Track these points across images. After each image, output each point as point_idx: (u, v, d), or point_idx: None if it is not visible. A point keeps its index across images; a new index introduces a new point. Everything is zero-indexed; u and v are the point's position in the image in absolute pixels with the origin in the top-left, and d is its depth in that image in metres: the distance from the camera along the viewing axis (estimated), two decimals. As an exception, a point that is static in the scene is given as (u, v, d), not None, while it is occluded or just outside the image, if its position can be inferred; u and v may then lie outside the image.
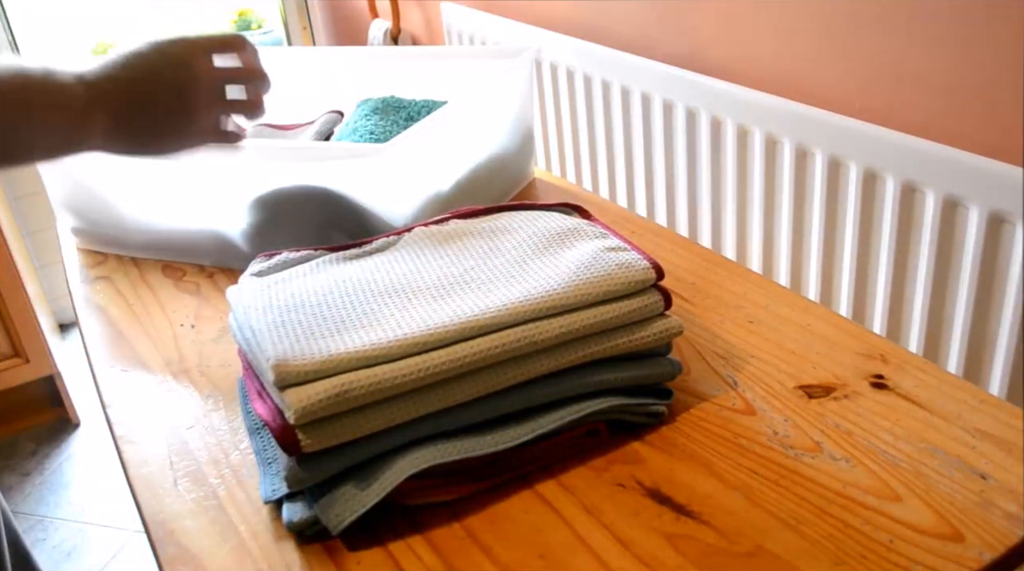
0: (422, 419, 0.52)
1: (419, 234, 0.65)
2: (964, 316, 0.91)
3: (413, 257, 0.62)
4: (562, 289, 0.55)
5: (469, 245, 0.63)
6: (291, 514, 0.51)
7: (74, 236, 0.92)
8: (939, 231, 0.90)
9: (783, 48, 1.07)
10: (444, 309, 0.54)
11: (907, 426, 0.55)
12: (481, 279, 0.58)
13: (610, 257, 0.58)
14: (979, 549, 0.46)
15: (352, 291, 0.58)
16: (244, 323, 0.56)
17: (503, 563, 0.48)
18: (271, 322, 0.54)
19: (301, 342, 0.52)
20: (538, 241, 0.62)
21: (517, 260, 0.60)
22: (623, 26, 1.32)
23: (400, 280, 0.59)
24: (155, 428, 0.62)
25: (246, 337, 0.55)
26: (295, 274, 0.61)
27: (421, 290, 0.57)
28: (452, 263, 0.60)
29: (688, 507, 0.50)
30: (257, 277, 0.61)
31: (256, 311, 0.56)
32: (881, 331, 1.01)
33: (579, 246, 0.61)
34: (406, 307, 0.55)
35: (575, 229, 0.63)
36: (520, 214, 0.67)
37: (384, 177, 0.72)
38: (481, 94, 0.82)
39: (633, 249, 0.60)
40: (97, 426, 1.98)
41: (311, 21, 2.37)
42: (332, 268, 0.62)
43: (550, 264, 0.59)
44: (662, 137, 1.23)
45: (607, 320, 0.55)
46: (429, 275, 0.59)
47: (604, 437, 0.56)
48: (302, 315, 0.55)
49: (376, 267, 0.61)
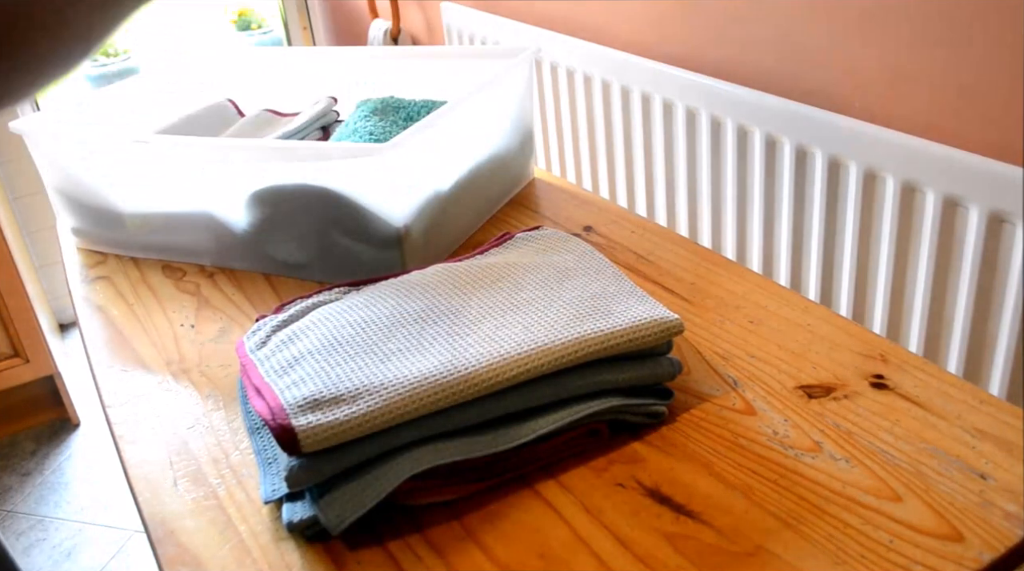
0: (422, 420, 0.52)
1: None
2: (964, 316, 0.91)
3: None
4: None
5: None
6: (291, 514, 0.51)
7: (74, 236, 0.92)
8: (939, 231, 0.90)
9: (783, 48, 1.07)
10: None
11: (907, 426, 0.55)
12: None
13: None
14: (979, 549, 0.46)
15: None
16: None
17: (503, 563, 0.48)
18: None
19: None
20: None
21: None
22: (623, 26, 1.32)
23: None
24: (155, 428, 0.62)
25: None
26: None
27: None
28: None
29: (688, 507, 0.50)
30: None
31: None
32: (881, 331, 1.01)
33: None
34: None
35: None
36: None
37: (384, 177, 0.72)
38: (481, 94, 0.82)
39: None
40: (97, 426, 1.98)
41: (311, 21, 2.37)
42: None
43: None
44: (662, 137, 1.23)
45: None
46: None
47: (604, 437, 0.56)
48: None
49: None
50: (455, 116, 0.78)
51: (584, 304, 0.59)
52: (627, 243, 0.81)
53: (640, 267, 0.76)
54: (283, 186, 0.76)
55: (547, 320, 0.57)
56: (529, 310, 0.59)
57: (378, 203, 0.73)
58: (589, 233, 0.83)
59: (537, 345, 0.55)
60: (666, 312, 0.58)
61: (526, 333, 0.56)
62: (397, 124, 0.86)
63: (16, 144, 2.12)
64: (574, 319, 0.57)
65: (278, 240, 0.80)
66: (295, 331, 0.60)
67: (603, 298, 0.60)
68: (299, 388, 0.53)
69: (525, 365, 0.54)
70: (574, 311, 0.58)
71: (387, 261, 0.75)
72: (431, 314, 0.60)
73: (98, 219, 0.88)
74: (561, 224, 0.85)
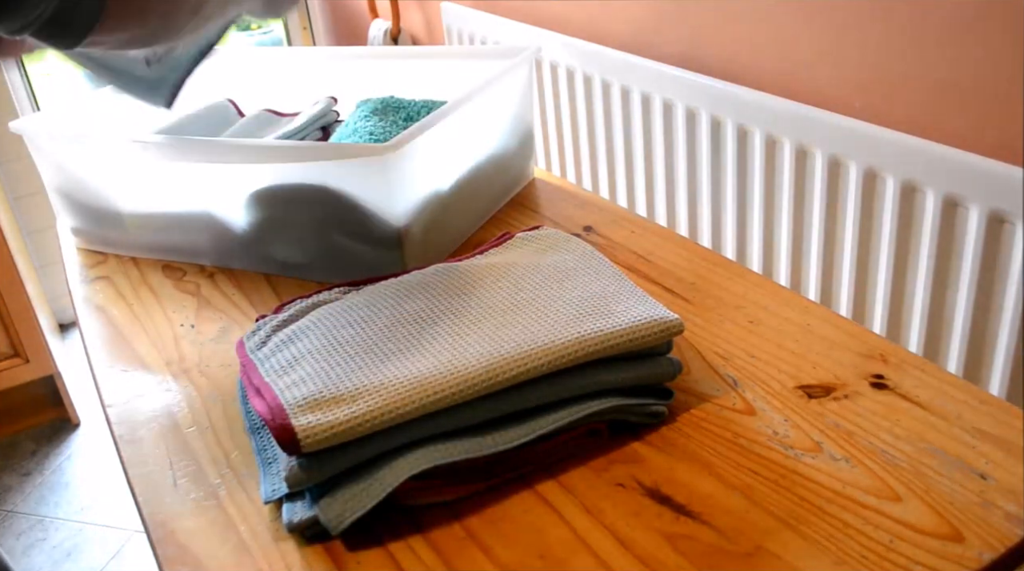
0: (422, 420, 0.52)
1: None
2: (964, 316, 0.91)
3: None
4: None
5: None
6: (291, 514, 0.51)
7: (74, 236, 0.92)
8: (939, 231, 0.90)
9: (783, 48, 1.07)
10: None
11: (907, 426, 0.55)
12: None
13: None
14: (979, 549, 0.46)
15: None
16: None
17: (503, 563, 0.48)
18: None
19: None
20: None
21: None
22: (623, 26, 1.32)
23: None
24: (155, 428, 0.62)
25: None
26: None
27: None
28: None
29: (688, 507, 0.50)
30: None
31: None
32: (881, 331, 1.01)
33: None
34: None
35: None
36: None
37: (384, 177, 0.72)
38: (481, 94, 0.82)
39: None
40: (97, 426, 1.98)
41: (311, 21, 2.37)
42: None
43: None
44: (662, 137, 1.23)
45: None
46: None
47: (604, 437, 0.56)
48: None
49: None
50: (455, 116, 0.78)
51: (584, 304, 0.59)
52: (627, 243, 0.81)
53: (640, 267, 0.76)
54: (283, 186, 0.76)
55: (547, 320, 0.57)
56: (529, 310, 0.59)
57: (378, 203, 0.73)
58: (589, 233, 0.83)
59: (537, 345, 0.55)
60: (666, 312, 0.58)
61: (526, 333, 0.56)
62: (397, 124, 0.86)
63: (16, 144, 2.12)
64: (574, 319, 0.57)
65: (278, 240, 0.80)
66: (295, 331, 0.60)
67: (603, 298, 0.60)
68: (299, 388, 0.53)
69: (525, 365, 0.53)
70: (574, 311, 0.58)
71: (387, 261, 0.75)
72: (431, 314, 0.60)
73: (98, 219, 0.88)
74: (561, 224, 0.85)
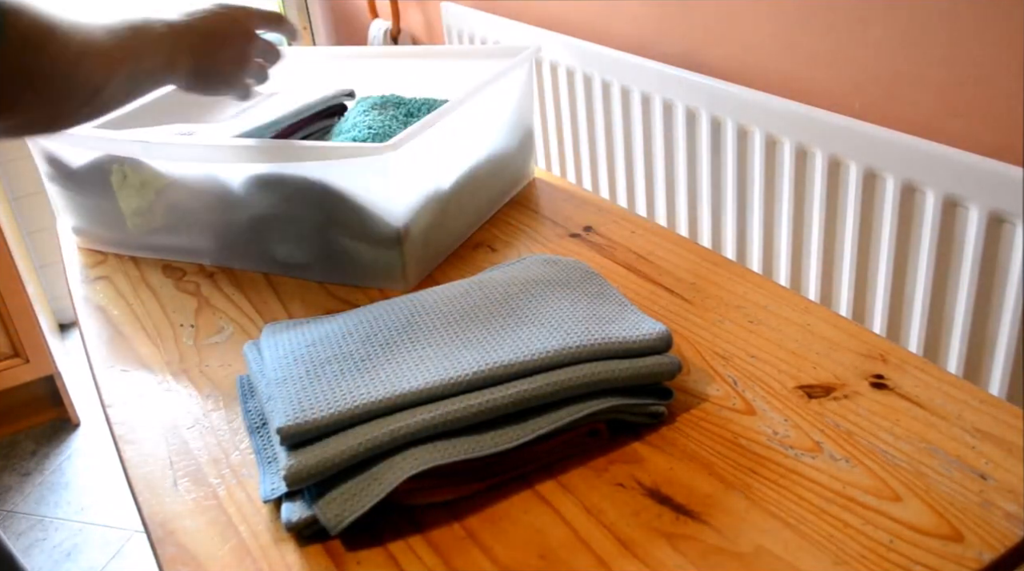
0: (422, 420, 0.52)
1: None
2: (964, 316, 0.91)
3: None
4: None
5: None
6: (290, 514, 0.51)
7: (74, 236, 0.92)
8: (939, 231, 0.90)
9: (783, 48, 1.07)
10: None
11: (907, 426, 0.55)
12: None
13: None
14: (979, 549, 0.46)
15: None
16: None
17: (503, 563, 0.48)
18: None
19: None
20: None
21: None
22: (623, 26, 1.32)
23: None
24: (155, 428, 0.62)
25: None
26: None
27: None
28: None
29: (688, 507, 0.50)
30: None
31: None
32: (881, 331, 1.01)
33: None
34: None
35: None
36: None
37: (384, 175, 0.72)
38: (481, 94, 0.82)
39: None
40: (97, 426, 1.97)
41: (311, 21, 2.37)
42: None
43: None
44: (662, 137, 1.23)
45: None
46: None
47: (604, 437, 0.56)
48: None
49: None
50: (455, 116, 0.78)
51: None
52: (627, 243, 0.81)
53: (640, 267, 0.76)
54: (283, 178, 0.76)
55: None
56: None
57: (378, 203, 0.73)
58: (589, 233, 0.83)
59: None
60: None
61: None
62: (397, 119, 0.86)
63: (16, 144, 2.12)
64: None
65: (278, 239, 0.80)
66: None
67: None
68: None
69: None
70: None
71: (387, 261, 0.75)
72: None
73: (98, 219, 0.88)
74: (561, 224, 0.85)
